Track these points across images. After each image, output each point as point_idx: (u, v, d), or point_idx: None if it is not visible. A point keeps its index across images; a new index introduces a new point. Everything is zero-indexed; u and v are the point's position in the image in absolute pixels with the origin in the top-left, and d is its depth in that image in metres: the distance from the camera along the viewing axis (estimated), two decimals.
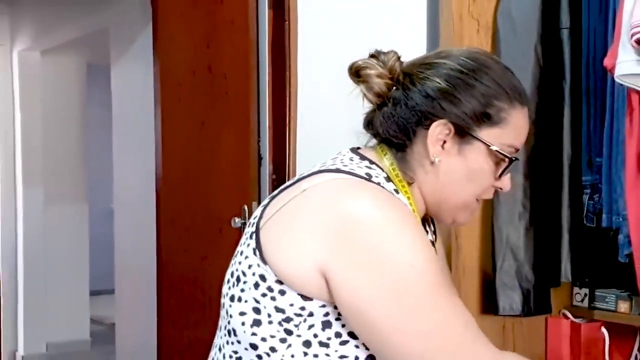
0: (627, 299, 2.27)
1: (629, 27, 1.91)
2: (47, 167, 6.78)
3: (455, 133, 1.51)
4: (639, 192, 2.01)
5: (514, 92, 1.54)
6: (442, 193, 1.56)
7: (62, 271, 6.87)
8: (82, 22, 5.99)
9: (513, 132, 1.54)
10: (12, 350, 6.65)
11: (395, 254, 1.42)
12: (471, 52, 1.59)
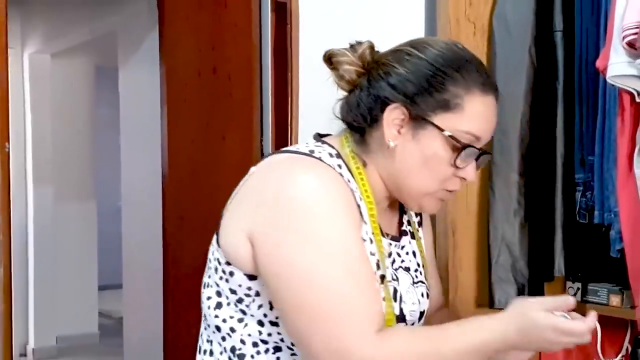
0: (619, 293, 2.27)
1: (620, 29, 1.91)
2: (56, 166, 6.78)
3: (410, 118, 1.49)
4: (630, 190, 1.99)
5: (474, 79, 1.50)
6: (399, 178, 1.53)
7: (72, 266, 6.87)
8: (90, 25, 5.99)
9: (470, 119, 1.49)
10: (23, 343, 6.67)
11: (309, 224, 1.41)
12: (436, 41, 1.59)
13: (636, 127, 1.97)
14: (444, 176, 1.51)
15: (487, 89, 1.52)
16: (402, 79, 1.50)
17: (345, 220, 1.43)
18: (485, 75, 1.54)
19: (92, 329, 7.18)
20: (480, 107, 1.50)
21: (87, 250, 7.03)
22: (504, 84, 2.27)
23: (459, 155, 1.48)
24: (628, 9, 1.90)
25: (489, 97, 1.52)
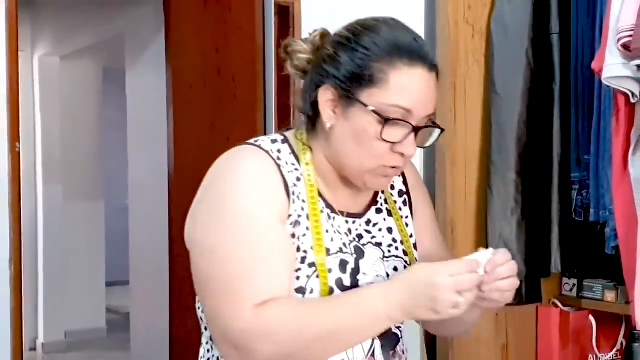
0: (614, 289, 2.29)
1: (615, 32, 1.92)
2: (65, 166, 6.77)
3: (340, 97, 1.47)
4: (624, 188, 2.00)
5: (398, 52, 1.44)
6: (338, 157, 1.52)
7: (80, 263, 6.86)
8: (98, 29, 5.99)
9: (396, 92, 1.43)
10: (33, 337, 6.65)
11: (223, 194, 1.45)
12: (367, 18, 1.54)
13: (631, 127, 1.98)
14: (378, 152, 1.46)
15: (414, 61, 1.45)
16: (332, 60, 1.49)
17: (256, 200, 1.44)
18: (414, 48, 1.47)
19: (100, 324, 7.17)
20: (406, 79, 1.44)
21: (95, 247, 7.02)
22: (502, 85, 2.31)
23: (383, 129, 1.43)
24: (623, 12, 1.91)
25: (417, 69, 1.45)
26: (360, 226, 1.57)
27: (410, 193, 1.67)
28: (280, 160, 1.50)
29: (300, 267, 1.45)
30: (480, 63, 2.36)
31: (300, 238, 1.46)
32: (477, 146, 2.36)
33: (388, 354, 1.53)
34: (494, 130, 2.31)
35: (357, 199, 1.59)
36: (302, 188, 1.50)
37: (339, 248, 1.49)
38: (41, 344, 6.76)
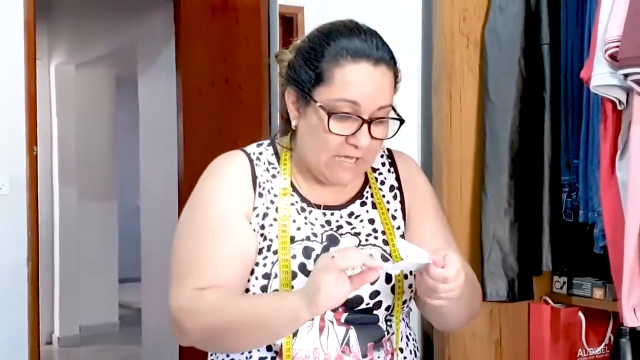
0: (602, 287, 2.29)
1: (603, 43, 1.92)
2: (80, 168, 6.78)
3: (299, 97, 1.51)
4: (612, 191, 2.00)
5: (342, 51, 1.46)
6: (303, 153, 1.55)
7: (94, 261, 6.87)
8: (112, 39, 6.01)
9: (341, 87, 1.45)
10: (49, 332, 6.66)
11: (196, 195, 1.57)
12: (325, 23, 1.55)
13: (618, 132, 1.98)
14: (331, 145, 1.47)
15: (358, 56, 1.46)
16: (293, 64, 1.53)
17: (221, 195, 1.53)
18: (358, 43, 1.48)
19: (113, 319, 7.17)
20: (350, 74, 1.45)
21: (108, 245, 7.03)
22: (495, 93, 2.30)
23: (329, 122, 1.44)
24: (610, 24, 1.91)
25: (361, 64, 1.45)
26: (341, 217, 1.58)
27: (404, 189, 1.66)
28: (258, 161, 1.57)
29: (267, 255, 1.49)
30: (474, 72, 2.35)
31: (267, 227, 1.51)
32: (472, 151, 2.35)
33: (366, 345, 1.51)
34: (488, 135, 2.31)
35: (339, 193, 1.60)
36: (276, 184, 1.56)
37: (305, 236, 1.52)
38: (57, 338, 6.77)
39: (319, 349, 1.47)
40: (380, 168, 1.66)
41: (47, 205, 6.35)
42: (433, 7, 2.36)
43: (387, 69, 1.48)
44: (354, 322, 1.50)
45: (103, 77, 6.99)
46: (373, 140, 1.47)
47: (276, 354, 1.49)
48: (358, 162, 1.51)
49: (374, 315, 1.53)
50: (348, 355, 1.48)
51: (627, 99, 1.94)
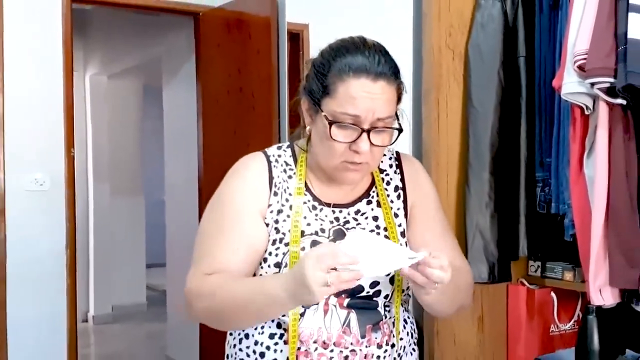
0: (571, 270, 2.30)
1: (572, 55, 1.93)
2: (112, 168, 6.83)
3: (311, 106, 1.50)
4: (580, 186, 2.01)
5: (346, 67, 1.43)
6: (315, 156, 1.55)
7: (124, 248, 6.92)
8: (140, 52, 6.03)
9: (343, 101, 1.42)
10: (85, 311, 6.72)
11: (219, 191, 1.57)
12: (338, 40, 1.53)
13: (585, 135, 1.99)
14: (337, 151, 1.46)
15: (359, 72, 1.43)
16: (308, 77, 1.52)
17: (239, 193, 1.53)
18: (360, 60, 1.44)
19: (141, 300, 7.22)
20: (352, 89, 1.42)
21: (136, 235, 7.07)
22: (478, 100, 2.30)
23: (330, 130, 1.43)
24: (578, 39, 1.92)
25: (360, 80, 1.42)
26: (348, 214, 1.57)
27: (407, 190, 1.63)
28: (276, 163, 1.57)
29: (279, 247, 1.49)
30: (459, 82, 2.35)
31: (280, 222, 1.51)
32: (457, 151, 2.35)
33: (365, 327, 1.50)
34: (471, 137, 2.31)
35: (348, 193, 1.59)
36: (292, 184, 1.55)
37: (314, 231, 1.51)
38: (92, 316, 6.82)
39: (323, 329, 1.47)
40: (388, 169, 1.64)
41: (83, 200, 6.38)
42: (422, 24, 2.36)
43: (386, 83, 1.44)
44: (355, 306, 1.50)
45: (132, 87, 7.02)
46: (374, 146, 1.45)
47: (285, 331, 1.49)
48: (363, 165, 1.48)
49: (374, 301, 1.52)
50: (348, 335, 1.48)
51: (593, 105, 1.95)
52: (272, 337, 1.51)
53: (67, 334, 4.02)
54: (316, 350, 1.46)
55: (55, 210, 3.99)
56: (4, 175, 3.84)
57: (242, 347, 1.56)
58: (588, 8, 1.92)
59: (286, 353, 1.48)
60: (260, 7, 3.80)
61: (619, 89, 1.82)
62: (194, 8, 4.38)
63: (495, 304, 2.43)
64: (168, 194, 5.50)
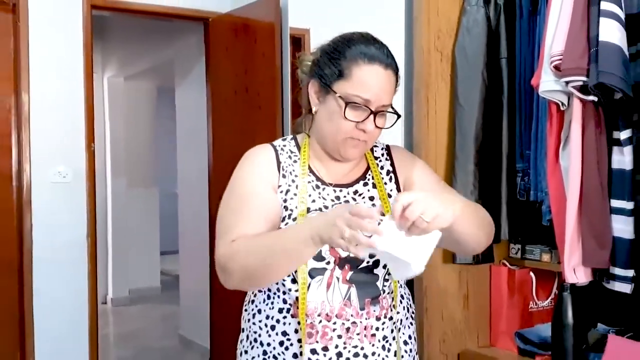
0: (549, 252, 2.32)
1: (549, 56, 1.94)
2: (128, 162, 6.81)
3: (321, 88, 1.52)
4: (556, 175, 2.02)
5: (360, 54, 1.47)
6: (320, 133, 1.57)
7: (140, 237, 6.91)
8: (154, 56, 6.02)
9: (356, 84, 1.47)
10: (104, 294, 6.71)
11: (233, 177, 1.58)
12: (347, 32, 1.56)
13: (561, 129, 2.00)
14: (346, 128, 1.49)
15: (372, 60, 1.47)
16: (317, 61, 1.55)
17: (251, 174, 1.55)
18: (373, 50, 1.49)
19: (155, 284, 7.20)
20: (365, 74, 1.47)
21: (151, 224, 7.05)
22: (463, 98, 2.32)
23: (345, 109, 1.47)
24: (555, 42, 1.93)
25: (374, 67, 1.47)
26: (348, 194, 1.59)
27: (398, 172, 1.65)
28: (282, 151, 1.60)
29: (288, 222, 1.51)
30: (447, 81, 2.37)
31: (288, 201, 1.53)
32: (444, 144, 2.38)
33: (363, 301, 1.51)
34: (457, 132, 2.33)
35: (347, 174, 1.61)
36: (297, 167, 1.58)
37: (318, 207, 1.53)
38: (110, 299, 6.83)
39: (326, 302, 1.49)
40: (380, 157, 1.67)
41: (102, 192, 6.37)
42: (413, 28, 2.38)
43: (392, 73, 1.50)
44: (356, 280, 1.51)
45: (146, 88, 7.00)
46: (376, 128, 1.50)
47: (291, 305, 1.52)
48: (362, 142, 1.52)
49: (375, 274, 1.53)
50: (349, 307, 1.50)
51: (568, 101, 1.96)
52: (281, 312, 1.53)
53: (88, 315, 4.02)
54: (320, 323, 1.49)
55: (77, 201, 3.99)
56: (30, 169, 3.85)
57: (255, 322, 1.58)
58: (563, 13, 1.93)
59: (294, 325, 1.51)
60: (265, 14, 3.79)
61: (591, 87, 1.84)
62: (204, 14, 4.37)
63: (479, 283, 2.45)
64: (180, 186, 5.48)
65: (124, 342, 5.53)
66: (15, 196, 3.86)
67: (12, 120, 3.85)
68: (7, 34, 3.83)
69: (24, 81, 3.82)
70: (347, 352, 1.50)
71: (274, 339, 1.54)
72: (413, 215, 1.25)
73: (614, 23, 1.83)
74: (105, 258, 6.66)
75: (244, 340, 1.62)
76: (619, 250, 1.93)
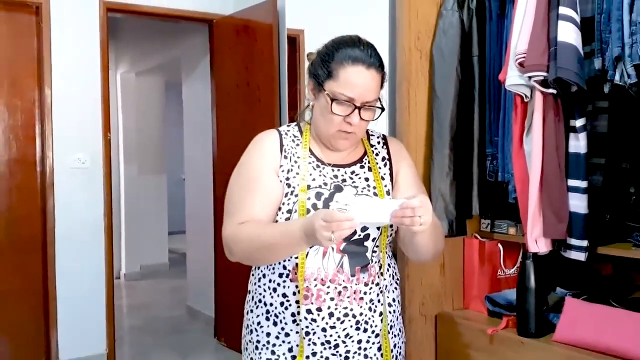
0: (514, 226, 2.34)
1: (514, 54, 1.99)
2: (139, 151, 6.76)
3: (315, 85, 1.56)
4: (520, 159, 2.06)
5: (345, 57, 1.50)
6: (315, 126, 1.60)
7: (150, 218, 6.86)
8: (162, 53, 5.99)
9: (342, 83, 1.49)
10: (118, 269, 6.69)
11: (242, 159, 1.60)
12: (341, 35, 1.58)
13: (524, 118, 2.05)
14: (335, 122, 1.52)
15: (356, 61, 1.49)
16: (314, 62, 1.58)
17: (258, 159, 1.57)
18: (357, 52, 1.50)
19: (164, 261, 7.18)
20: (349, 75, 1.49)
21: (160, 207, 7.03)
22: (440, 91, 2.32)
23: (332, 105, 1.50)
24: (519, 41, 1.98)
25: (357, 67, 1.49)
26: (345, 174, 1.61)
27: (393, 161, 1.67)
28: (286, 135, 1.62)
29: (290, 198, 1.54)
30: (425, 77, 2.38)
31: (291, 179, 1.56)
32: (423, 132, 2.39)
33: (354, 268, 1.53)
34: (435, 121, 2.35)
35: (346, 157, 1.63)
36: (299, 150, 1.60)
37: (318, 185, 1.56)
38: (123, 274, 6.79)
39: (321, 269, 1.52)
40: (376, 145, 1.69)
41: (115, 178, 6.22)
42: (396, 30, 2.37)
43: (376, 72, 1.51)
44: (348, 250, 1.53)
45: (156, 83, 6.92)
46: (362, 120, 1.52)
47: (289, 271, 1.55)
48: (352, 135, 1.54)
49: (364, 246, 1.55)
50: (341, 274, 1.52)
51: (531, 94, 2.00)
52: (281, 276, 1.57)
53: (105, 286, 4.02)
54: (316, 287, 1.51)
55: (95, 184, 3.99)
56: (53, 155, 3.87)
57: (260, 285, 1.61)
58: (527, 17, 1.97)
59: (292, 288, 1.54)
60: (264, 16, 3.79)
61: (550, 81, 1.89)
62: (209, 16, 4.36)
63: (454, 253, 2.46)
64: (187, 172, 5.46)
65: (136, 312, 5.51)
66: (39, 180, 3.89)
67: (36, 112, 3.87)
68: (31, 35, 3.84)
69: (46, 77, 3.84)
70: (338, 313, 1.52)
71: (275, 299, 1.57)
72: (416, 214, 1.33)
73: (571, 25, 1.87)
74: (118, 237, 6.62)
75: (250, 300, 1.66)
76: (575, 224, 1.98)
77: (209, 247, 4.64)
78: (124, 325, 5.11)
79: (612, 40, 1.86)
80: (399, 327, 1.68)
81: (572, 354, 1.97)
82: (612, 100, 2.05)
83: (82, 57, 3.97)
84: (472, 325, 2.30)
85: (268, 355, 1.59)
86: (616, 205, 2.12)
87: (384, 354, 1.59)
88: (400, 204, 1.34)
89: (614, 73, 1.86)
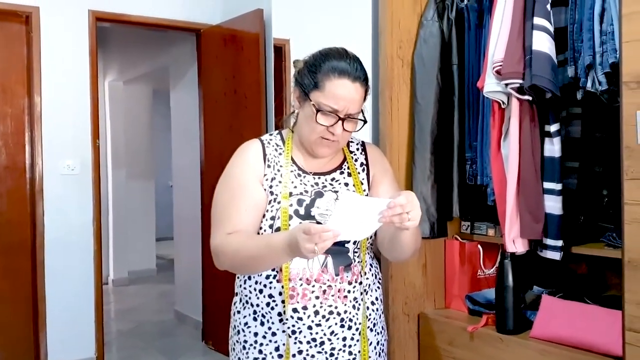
0: (493, 227, 2.37)
1: (492, 63, 2.03)
2: (128, 157, 6.70)
3: (301, 94, 1.55)
4: (498, 162, 2.10)
5: (332, 69, 1.49)
6: (299, 132, 1.59)
7: (138, 224, 6.83)
8: (150, 62, 5.97)
9: (328, 95, 1.48)
10: (106, 275, 6.64)
11: (227, 170, 1.58)
12: (327, 47, 1.57)
13: (502, 123, 2.08)
14: (318, 130, 1.51)
15: (342, 74, 1.48)
16: (301, 71, 1.56)
17: (242, 169, 1.56)
18: (343, 65, 1.49)
19: (152, 266, 7.15)
20: (335, 87, 1.48)
21: (148, 213, 6.99)
22: (421, 97, 2.34)
23: (317, 115, 1.49)
24: (496, 51, 2.02)
25: (343, 80, 1.48)
26: (326, 180, 1.61)
27: (370, 166, 1.67)
28: (269, 144, 1.61)
29: (273, 205, 1.54)
30: (407, 84, 2.39)
31: (274, 187, 1.55)
32: (405, 137, 2.39)
33: (338, 268, 1.53)
34: (416, 126, 2.36)
35: (326, 164, 1.63)
36: (281, 158, 1.59)
37: (299, 192, 1.55)
38: (111, 280, 6.74)
39: (306, 269, 1.51)
40: (355, 152, 1.68)
41: (103, 184, 6.19)
42: (379, 39, 2.39)
43: (360, 85, 1.50)
44: (331, 252, 1.51)
45: (144, 91, 6.88)
46: (344, 131, 1.52)
47: (277, 272, 1.54)
48: (334, 143, 1.54)
49: (345, 247, 1.55)
50: (326, 274, 1.52)
51: (508, 100, 2.04)
52: (268, 278, 1.55)
53: (94, 291, 4.00)
54: (301, 286, 1.51)
55: (84, 190, 3.97)
56: (42, 162, 3.85)
57: (246, 286, 1.60)
58: (504, 27, 2.01)
59: (278, 289, 1.53)
60: (251, 26, 3.79)
61: (526, 88, 1.92)
62: (196, 26, 4.35)
63: (435, 254, 2.48)
64: (175, 178, 5.41)
65: (124, 317, 5.47)
66: (29, 186, 3.86)
67: (26, 120, 3.85)
68: (21, 43, 3.83)
69: (36, 85, 3.82)
70: (323, 310, 1.52)
71: (261, 300, 1.56)
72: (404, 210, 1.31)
73: (545, 35, 1.91)
74: (106, 243, 6.57)
75: (237, 302, 1.65)
76: (550, 224, 2.02)
77: (196, 253, 4.61)
78: (112, 330, 5.06)
79: (584, 49, 1.90)
80: (381, 325, 1.69)
81: (548, 348, 1.99)
82: (584, 106, 2.08)
83: (71, 65, 3.96)
84: (453, 323, 2.31)
85: (255, 354, 1.59)
86: (590, 206, 2.15)
87: (361, 350, 1.60)
88: (388, 203, 1.30)
89: (586, 80, 1.90)
